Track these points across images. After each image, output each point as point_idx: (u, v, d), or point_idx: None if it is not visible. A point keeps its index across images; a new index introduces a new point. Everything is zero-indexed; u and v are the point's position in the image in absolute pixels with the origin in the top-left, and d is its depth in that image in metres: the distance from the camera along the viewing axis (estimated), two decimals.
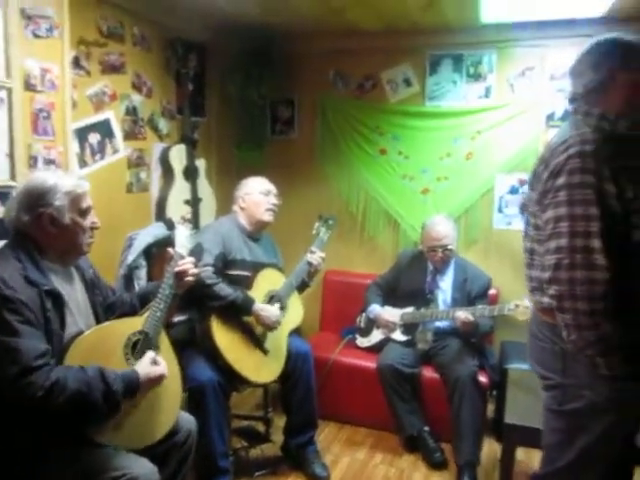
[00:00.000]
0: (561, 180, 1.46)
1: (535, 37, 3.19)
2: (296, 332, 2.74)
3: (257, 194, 2.68)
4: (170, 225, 2.40)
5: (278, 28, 3.36)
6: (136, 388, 1.70)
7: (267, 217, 2.69)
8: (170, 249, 2.00)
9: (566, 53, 3.10)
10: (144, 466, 1.66)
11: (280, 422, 2.81)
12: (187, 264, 1.99)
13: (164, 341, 1.96)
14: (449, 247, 2.95)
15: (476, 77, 3.36)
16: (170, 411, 1.91)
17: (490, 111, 3.33)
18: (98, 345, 1.72)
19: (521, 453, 2.72)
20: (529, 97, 3.26)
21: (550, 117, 3.23)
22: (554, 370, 1.57)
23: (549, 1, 2.73)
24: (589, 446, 1.51)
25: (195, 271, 2.02)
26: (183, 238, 2.10)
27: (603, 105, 1.51)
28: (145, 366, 1.76)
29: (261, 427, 2.93)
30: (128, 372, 1.70)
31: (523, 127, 3.26)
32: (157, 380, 1.78)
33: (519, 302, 2.59)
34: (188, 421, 2.00)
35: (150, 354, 1.80)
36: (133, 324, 1.88)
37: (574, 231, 1.43)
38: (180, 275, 1.95)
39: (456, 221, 3.26)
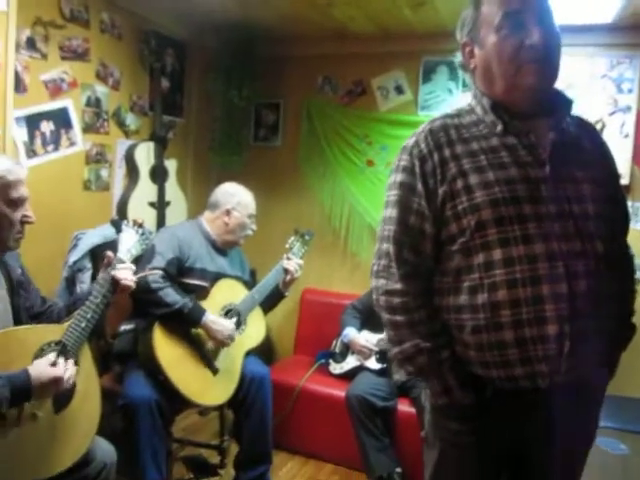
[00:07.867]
0: None
1: None
2: (255, 353, 2.46)
3: (245, 217, 2.45)
4: (117, 226, 2.14)
5: (261, 28, 3.14)
6: (27, 392, 1.43)
7: (242, 241, 2.51)
8: (109, 252, 1.78)
9: (570, 63, 2.87)
10: None
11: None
12: (125, 270, 1.77)
13: (86, 355, 1.71)
14: None
15: None
16: (82, 436, 1.64)
17: None
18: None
19: None
20: None
21: None
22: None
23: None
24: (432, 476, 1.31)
25: (134, 278, 1.80)
26: (130, 243, 1.89)
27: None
28: (40, 367, 1.48)
29: (216, 457, 2.64)
30: (16, 373, 1.44)
31: None
32: (53, 383, 1.49)
33: None
34: (105, 451, 1.72)
35: (51, 355, 1.53)
36: (50, 333, 1.63)
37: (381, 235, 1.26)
38: (116, 282, 1.74)
39: None
